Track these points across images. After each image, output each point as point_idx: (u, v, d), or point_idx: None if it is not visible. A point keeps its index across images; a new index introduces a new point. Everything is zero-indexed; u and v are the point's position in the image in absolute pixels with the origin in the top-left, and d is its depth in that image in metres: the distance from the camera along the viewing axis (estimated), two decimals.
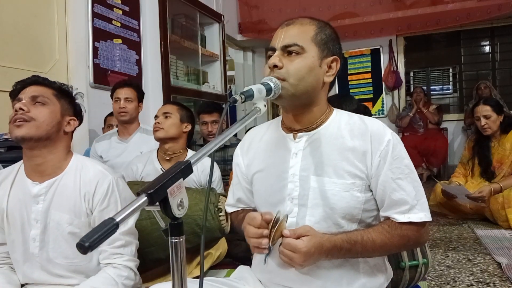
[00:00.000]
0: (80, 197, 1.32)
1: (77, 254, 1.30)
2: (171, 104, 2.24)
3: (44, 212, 1.32)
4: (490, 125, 3.04)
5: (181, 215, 0.69)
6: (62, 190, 1.32)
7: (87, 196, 1.33)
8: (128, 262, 1.34)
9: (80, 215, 1.33)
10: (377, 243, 1.01)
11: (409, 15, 5.07)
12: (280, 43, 1.04)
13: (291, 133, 1.11)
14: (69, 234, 1.32)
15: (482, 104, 3.09)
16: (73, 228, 1.32)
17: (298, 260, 0.95)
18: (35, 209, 1.32)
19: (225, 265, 2.12)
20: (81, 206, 1.32)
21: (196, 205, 1.90)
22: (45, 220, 1.32)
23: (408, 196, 1.02)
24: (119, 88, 2.63)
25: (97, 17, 3.07)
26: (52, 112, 1.31)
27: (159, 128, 2.12)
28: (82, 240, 0.56)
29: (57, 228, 1.32)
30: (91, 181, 1.33)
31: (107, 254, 1.33)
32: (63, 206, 1.32)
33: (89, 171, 1.35)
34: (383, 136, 1.03)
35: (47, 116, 1.29)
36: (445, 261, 2.21)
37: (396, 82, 5.75)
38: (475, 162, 3.20)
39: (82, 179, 1.34)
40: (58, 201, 1.32)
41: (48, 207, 1.32)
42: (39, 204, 1.32)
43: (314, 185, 1.04)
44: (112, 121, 2.93)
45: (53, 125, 1.31)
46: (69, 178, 1.34)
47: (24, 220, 1.34)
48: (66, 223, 1.31)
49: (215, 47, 4.65)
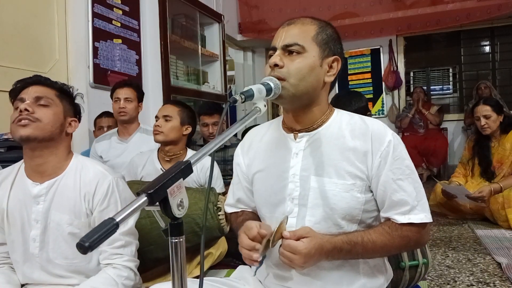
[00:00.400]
0: (80, 197, 1.32)
1: (77, 254, 1.31)
2: (172, 105, 2.21)
3: (44, 213, 1.32)
4: (490, 125, 3.04)
5: (181, 215, 0.69)
6: (62, 190, 1.32)
7: (87, 197, 1.33)
8: (128, 263, 1.34)
9: (80, 216, 1.33)
10: (378, 244, 1.01)
11: (409, 15, 5.07)
12: (281, 43, 1.03)
13: (292, 133, 1.11)
14: (69, 235, 1.32)
15: (482, 104, 3.09)
16: (73, 229, 1.32)
17: (298, 261, 0.95)
18: (35, 209, 1.32)
19: (225, 265, 2.12)
20: (81, 207, 1.32)
21: (196, 204, 1.90)
22: (46, 221, 1.32)
23: (408, 197, 1.02)
24: (119, 88, 2.62)
25: (97, 17, 3.06)
26: (55, 114, 1.31)
27: (158, 132, 2.11)
28: (82, 240, 0.56)
29: (57, 229, 1.32)
30: (91, 182, 1.33)
31: (107, 255, 1.33)
32: (63, 206, 1.32)
33: (89, 171, 1.35)
34: (384, 136, 1.03)
35: (51, 118, 1.29)
36: (445, 261, 2.20)
37: (396, 82, 5.75)
38: (475, 162, 3.20)
39: (82, 179, 1.34)
40: (58, 201, 1.32)
41: (48, 208, 1.32)
42: (39, 204, 1.32)
43: (314, 185, 1.04)
44: (103, 123, 2.92)
45: (57, 126, 1.31)
46: (69, 178, 1.34)
47: (24, 221, 1.34)
48: (66, 223, 1.31)
49: (215, 47, 4.64)
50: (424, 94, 5.33)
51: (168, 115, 2.14)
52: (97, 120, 2.95)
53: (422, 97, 5.25)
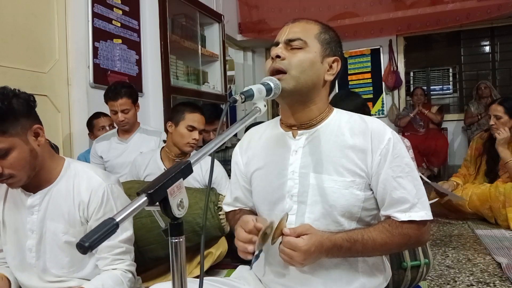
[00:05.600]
0: (74, 206, 1.30)
1: (74, 263, 1.32)
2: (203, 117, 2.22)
3: (39, 223, 1.30)
4: (498, 126, 2.96)
5: (181, 215, 0.69)
6: (55, 199, 1.30)
7: (82, 206, 1.30)
8: (130, 267, 1.35)
9: (75, 224, 1.31)
10: (378, 242, 1.01)
11: (409, 15, 5.07)
12: (284, 37, 1.06)
13: (291, 131, 1.11)
14: (65, 244, 1.30)
15: (497, 104, 3.02)
16: (69, 237, 1.30)
17: (298, 258, 0.95)
18: (30, 219, 1.30)
19: (225, 265, 2.12)
20: (75, 215, 1.30)
21: (196, 203, 1.90)
22: (41, 230, 1.31)
23: (408, 195, 1.02)
24: (112, 101, 2.53)
25: (97, 17, 3.06)
26: (21, 159, 1.17)
27: (195, 146, 2.16)
28: (82, 240, 0.56)
29: (53, 238, 1.31)
30: (85, 191, 1.30)
31: (109, 261, 1.32)
32: (58, 215, 1.30)
33: (82, 179, 1.32)
34: (384, 134, 1.04)
35: (21, 168, 1.19)
36: (445, 261, 2.20)
37: (396, 82, 5.75)
38: (483, 160, 3.14)
39: (75, 188, 1.31)
40: (53, 211, 1.30)
41: (43, 218, 1.30)
42: (33, 215, 1.30)
43: (313, 182, 1.04)
44: (103, 122, 2.89)
45: (31, 168, 1.22)
46: (62, 186, 1.31)
47: (20, 231, 1.33)
48: (61, 232, 1.30)
49: (215, 47, 4.64)
50: (423, 95, 5.33)
51: (205, 130, 2.22)
52: (96, 121, 2.91)
53: (422, 99, 5.24)
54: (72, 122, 2.91)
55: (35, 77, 2.67)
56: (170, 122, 2.16)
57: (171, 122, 2.15)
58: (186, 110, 2.14)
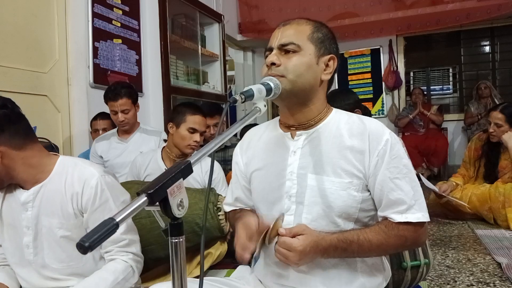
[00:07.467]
0: (66, 199, 1.29)
1: (72, 257, 1.32)
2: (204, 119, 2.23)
3: (34, 219, 1.30)
4: (498, 134, 2.92)
5: (181, 215, 0.69)
6: (49, 195, 1.30)
7: (75, 197, 1.29)
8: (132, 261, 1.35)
9: (69, 218, 1.30)
10: (374, 243, 1.01)
11: (409, 15, 5.07)
12: (277, 42, 1.05)
13: (289, 132, 1.11)
14: (61, 238, 1.30)
15: (498, 111, 2.94)
16: (64, 232, 1.30)
17: (293, 258, 0.96)
18: (25, 216, 1.30)
19: (225, 265, 2.12)
20: (67, 208, 1.29)
21: (196, 204, 1.90)
22: (36, 227, 1.31)
23: (406, 196, 1.01)
24: (112, 101, 2.54)
25: (97, 17, 3.07)
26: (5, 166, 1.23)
27: (196, 148, 2.16)
28: (82, 240, 0.56)
29: (49, 234, 1.31)
30: (77, 182, 1.30)
31: (113, 252, 1.33)
32: (52, 211, 1.30)
33: (74, 171, 1.31)
34: (381, 135, 1.04)
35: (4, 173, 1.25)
36: (445, 261, 2.20)
37: (396, 82, 5.75)
38: (482, 163, 3.11)
39: (67, 181, 1.30)
40: (47, 206, 1.30)
41: (37, 214, 1.30)
42: (28, 211, 1.30)
43: (311, 183, 1.05)
44: (98, 126, 2.89)
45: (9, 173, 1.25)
46: (55, 181, 1.30)
47: (17, 228, 1.33)
48: (56, 227, 1.30)
49: (215, 47, 4.65)
50: (422, 94, 5.33)
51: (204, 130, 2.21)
52: (93, 123, 2.92)
53: (421, 98, 5.24)
54: (72, 122, 2.91)
55: (35, 77, 2.67)
56: (171, 123, 2.15)
57: (172, 123, 2.15)
58: (187, 112, 2.13)
